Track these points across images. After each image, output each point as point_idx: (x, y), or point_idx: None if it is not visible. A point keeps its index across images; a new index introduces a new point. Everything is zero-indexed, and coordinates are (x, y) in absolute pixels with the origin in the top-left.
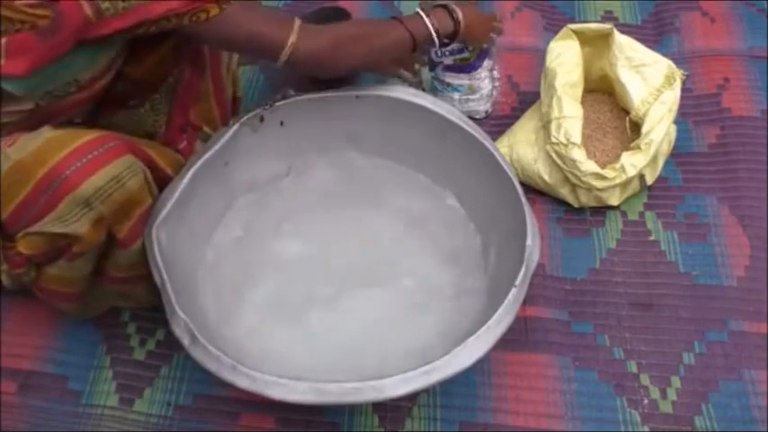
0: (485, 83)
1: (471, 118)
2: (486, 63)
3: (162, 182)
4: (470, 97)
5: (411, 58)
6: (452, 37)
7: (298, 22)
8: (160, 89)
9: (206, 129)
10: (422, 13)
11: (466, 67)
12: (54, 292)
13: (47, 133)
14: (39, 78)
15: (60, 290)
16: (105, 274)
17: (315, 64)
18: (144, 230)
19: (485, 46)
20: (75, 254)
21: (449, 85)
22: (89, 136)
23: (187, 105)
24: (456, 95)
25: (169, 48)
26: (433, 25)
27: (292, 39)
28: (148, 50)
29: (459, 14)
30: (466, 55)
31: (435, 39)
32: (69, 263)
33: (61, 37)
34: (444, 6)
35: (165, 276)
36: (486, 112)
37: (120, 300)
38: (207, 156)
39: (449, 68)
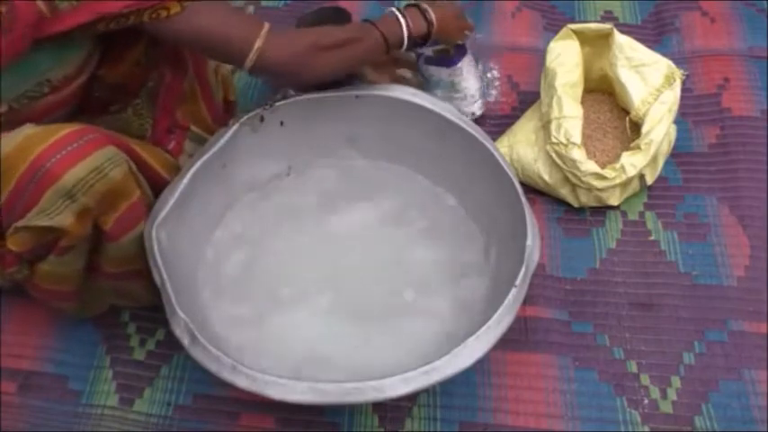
0: (470, 82)
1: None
2: (468, 60)
3: (153, 180)
4: (454, 95)
5: (390, 58)
6: (425, 38)
7: (266, 26)
8: (140, 94)
9: (194, 128)
10: (397, 14)
11: (446, 61)
12: (49, 290)
13: (28, 129)
14: (7, 78)
15: (55, 288)
16: (99, 270)
17: (283, 72)
18: (133, 224)
19: (459, 42)
20: (63, 248)
21: (430, 78)
22: (68, 129)
23: (171, 107)
24: (438, 92)
25: (142, 50)
26: (407, 26)
27: (258, 43)
28: (122, 53)
29: (432, 15)
30: (443, 47)
31: (405, 42)
32: (59, 258)
33: (16, 34)
34: (416, 6)
35: (164, 276)
36: (474, 114)
37: (119, 298)
38: (207, 156)
39: (429, 60)
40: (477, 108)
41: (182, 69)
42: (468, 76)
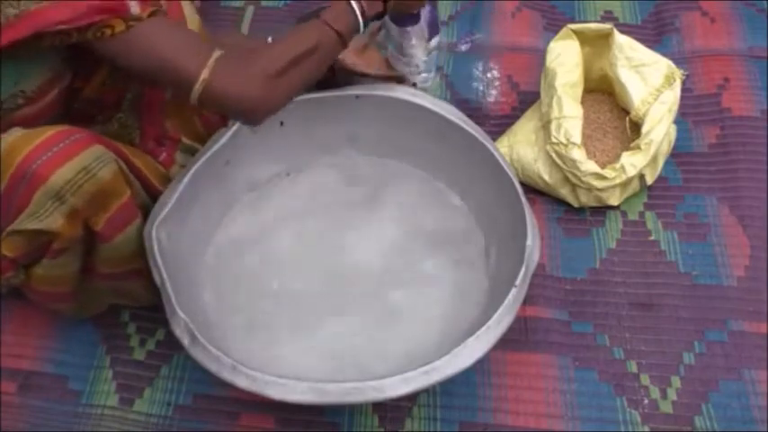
0: (416, 50)
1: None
2: (419, 30)
3: (143, 185)
4: (401, 57)
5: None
6: (380, 15)
7: (216, 54)
8: (122, 106)
9: (185, 140)
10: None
11: (396, 20)
12: (46, 293)
13: (14, 133)
14: None
15: (52, 290)
16: (94, 271)
17: (236, 109)
18: (125, 224)
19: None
20: (56, 251)
21: (388, 32)
22: (54, 130)
23: (158, 118)
24: (390, 47)
25: (107, 67)
26: (362, 10)
27: (205, 74)
28: (93, 67)
29: None
30: None
31: (362, 27)
32: (53, 261)
33: None
34: None
35: (165, 276)
36: (416, 85)
37: (117, 297)
38: (207, 156)
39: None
40: (420, 80)
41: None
42: (416, 44)
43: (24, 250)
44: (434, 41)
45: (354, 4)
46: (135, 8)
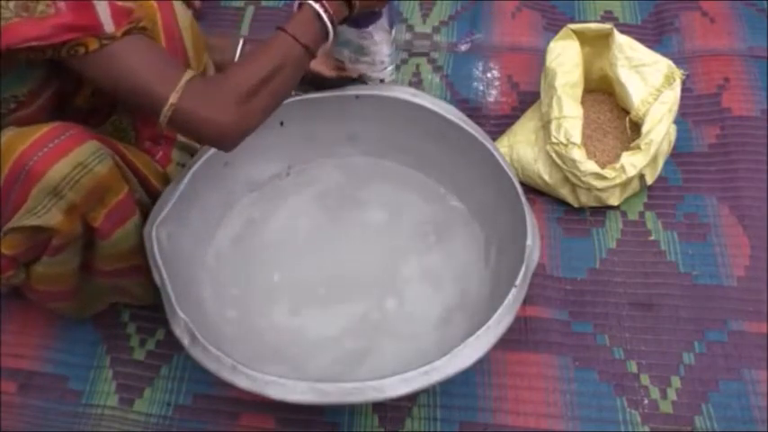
0: (380, 47)
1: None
2: (381, 25)
3: (141, 183)
4: (361, 58)
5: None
6: (345, 20)
7: (187, 77)
8: (116, 109)
9: (182, 138)
10: (314, 5)
11: (355, 21)
12: (46, 292)
13: (8, 132)
14: None
15: (52, 289)
16: (94, 269)
17: (208, 134)
18: (123, 220)
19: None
20: (55, 248)
21: (339, 34)
22: (48, 126)
23: (152, 118)
24: (346, 52)
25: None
26: (329, 17)
27: (173, 98)
28: (80, 78)
29: None
30: None
31: (331, 33)
32: (53, 258)
33: None
34: None
35: (165, 276)
36: (383, 81)
37: (117, 296)
38: (207, 156)
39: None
40: (386, 75)
41: None
42: (379, 40)
43: (23, 248)
44: (394, 31)
45: (321, 11)
46: (109, 26)
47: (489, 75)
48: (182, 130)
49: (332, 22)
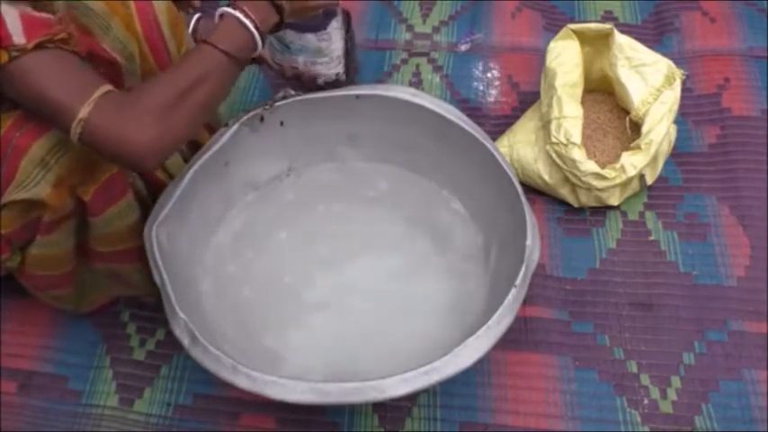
0: (336, 44)
1: (328, 84)
2: (336, 22)
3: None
4: (318, 60)
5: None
6: (278, 25)
7: (100, 91)
8: None
9: None
10: (236, 14)
11: (312, 26)
12: (42, 277)
13: None
14: None
15: (48, 273)
16: (89, 252)
17: (122, 153)
18: (115, 198)
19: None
20: (48, 225)
21: (290, 44)
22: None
23: None
24: (300, 58)
25: None
26: (254, 24)
27: (83, 113)
28: None
29: None
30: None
31: (259, 41)
32: (47, 237)
33: None
34: None
35: (165, 276)
36: (338, 74)
37: (114, 284)
38: (207, 156)
39: (291, 26)
40: (341, 68)
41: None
42: (335, 38)
43: (16, 226)
44: (339, 23)
45: (244, 19)
46: (19, 38)
47: (489, 75)
48: (95, 149)
49: (257, 28)
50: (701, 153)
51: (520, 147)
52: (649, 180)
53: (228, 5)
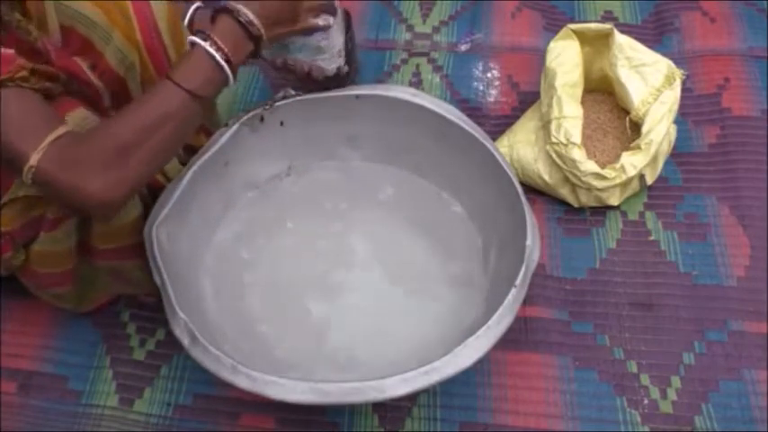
0: (337, 39)
1: (327, 78)
2: (338, 18)
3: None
4: (318, 57)
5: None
6: (255, 54)
7: (53, 136)
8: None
9: None
10: (203, 44)
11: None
12: (45, 275)
13: None
14: None
15: (51, 271)
16: (91, 248)
17: (74, 201)
18: (118, 192)
19: (321, 23)
20: (52, 222)
21: (290, 43)
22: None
23: None
24: (299, 56)
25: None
26: (224, 57)
27: (33, 160)
28: None
29: (250, 15)
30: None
31: (230, 76)
32: (50, 234)
33: None
34: (226, 12)
35: (165, 276)
36: (339, 68)
37: (116, 282)
38: (207, 156)
39: None
40: (342, 61)
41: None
42: (336, 34)
43: (17, 224)
44: (340, 17)
45: (214, 52)
46: None
47: (489, 75)
48: (49, 196)
49: (229, 62)
50: (701, 153)
51: (520, 147)
52: (649, 180)
53: (197, 33)
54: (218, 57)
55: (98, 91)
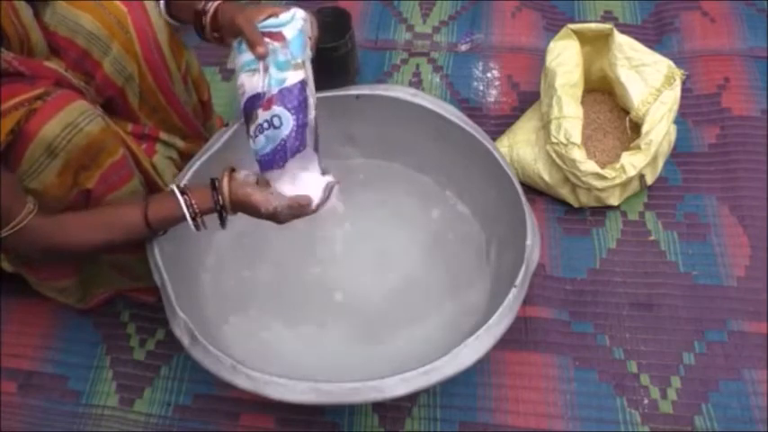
0: (314, 181)
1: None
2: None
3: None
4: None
5: None
6: (222, 214)
7: (21, 216)
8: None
9: (163, 136)
10: (179, 198)
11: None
12: (50, 268)
13: None
14: None
15: (55, 265)
16: None
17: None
18: (119, 183)
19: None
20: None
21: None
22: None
23: (134, 115)
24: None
25: None
26: (190, 209)
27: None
28: None
29: (225, 187)
30: None
31: (192, 224)
32: None
33: None
34: (229, 174)
35: (165, 276)
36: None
37: (118, 276)
38: (207, 156)
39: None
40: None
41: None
42: (310, 172)
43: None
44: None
45: (185, 209)
46: None
47: (489, 75)
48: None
49: (194, 215)
50: (700, 153)
51: (520, 147)
52: (649, 180)
53: (178, 187)
54: (186, 214)
55: (81, 91)
